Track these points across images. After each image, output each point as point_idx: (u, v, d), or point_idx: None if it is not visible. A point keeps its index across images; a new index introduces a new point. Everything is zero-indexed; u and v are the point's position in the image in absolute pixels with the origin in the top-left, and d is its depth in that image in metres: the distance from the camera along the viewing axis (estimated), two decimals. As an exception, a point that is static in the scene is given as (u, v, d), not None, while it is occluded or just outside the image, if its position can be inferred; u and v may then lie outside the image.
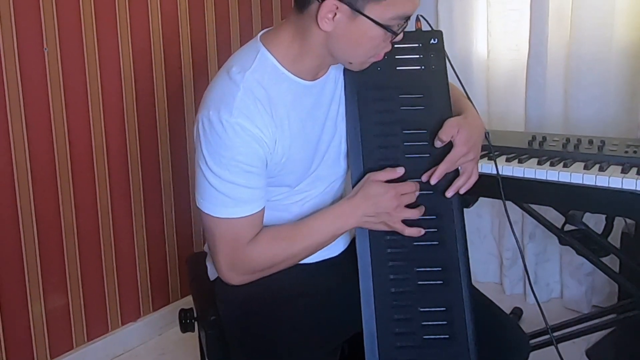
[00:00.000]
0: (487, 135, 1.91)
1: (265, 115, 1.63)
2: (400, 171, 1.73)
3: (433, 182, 1.72)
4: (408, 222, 1.72)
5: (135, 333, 3.04)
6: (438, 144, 1.74)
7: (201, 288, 1.98)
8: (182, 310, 1.99)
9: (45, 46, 2.53)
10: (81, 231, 2.76)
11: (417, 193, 1.73)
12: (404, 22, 1.62)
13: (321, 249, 1.77)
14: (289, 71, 1.69)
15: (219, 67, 1.83)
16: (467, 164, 1.76)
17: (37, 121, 2.54)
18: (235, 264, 1.70)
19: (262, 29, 1.78)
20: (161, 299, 3.15)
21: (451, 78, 1.86)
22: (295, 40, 1.67)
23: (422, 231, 1.72)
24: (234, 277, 1.73)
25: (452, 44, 3.29)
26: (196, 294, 2.04)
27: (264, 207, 1.71)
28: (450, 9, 3.31)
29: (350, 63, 1.70)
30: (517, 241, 1.96)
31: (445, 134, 1.73)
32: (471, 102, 1.90)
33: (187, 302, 2.55)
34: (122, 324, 3.00)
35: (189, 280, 2.16)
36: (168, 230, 3.13)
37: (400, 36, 1.65)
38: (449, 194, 1.74)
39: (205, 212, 1.67)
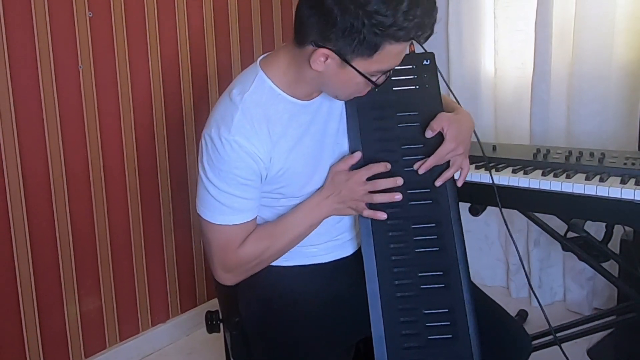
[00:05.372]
0: (481, 146, 1.94)
1: (261, 133, 1.66)
2: (357, 155, 1.77)
3: (421, 172, 1.76)
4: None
5: (164, 333, 3.05)
6: (429, 133, 1.78)
7: (226, 291, 1.99)
8: (208, 312, 2.00)
9: (80, 64, 2.55)
10: (113, 237, 2.78)
11: (398, 181, 1.75)
12: (386, 74, 1.65)
13: (303, 239, 1.80)
14: (285, 92, 1.72)
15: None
16: (456, 158, 1.80)
17: (72, 133, 2.56)
18: (228, 266, 1.76)
19: (283, 42, 1.79)
20: (189, 301, 3.16)
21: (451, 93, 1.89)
22: (290, 68, 1.70)
23: (385, 215, 1.75)
24: (229, 278, 1.80)
25: (462, 62, 3.30)
26: (221, 297, 2.04)
27: (256, 217, 1.76)
28: (459, 31, 3.32)
29: (337, 96, 1.73)
30: (516, 247, 1.99)
31: (437, 124, 1.77)
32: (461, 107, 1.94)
33: (213, 304, 2.55)
34: (152, 325, 3.01)
35: (214, 284, 2.16)
36: (195, 236, 3.13)
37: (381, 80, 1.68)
38: (438, 183, 1.77)
39: (204, 218, 1.73)
